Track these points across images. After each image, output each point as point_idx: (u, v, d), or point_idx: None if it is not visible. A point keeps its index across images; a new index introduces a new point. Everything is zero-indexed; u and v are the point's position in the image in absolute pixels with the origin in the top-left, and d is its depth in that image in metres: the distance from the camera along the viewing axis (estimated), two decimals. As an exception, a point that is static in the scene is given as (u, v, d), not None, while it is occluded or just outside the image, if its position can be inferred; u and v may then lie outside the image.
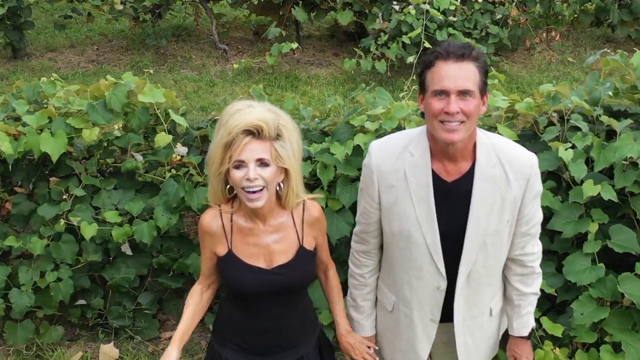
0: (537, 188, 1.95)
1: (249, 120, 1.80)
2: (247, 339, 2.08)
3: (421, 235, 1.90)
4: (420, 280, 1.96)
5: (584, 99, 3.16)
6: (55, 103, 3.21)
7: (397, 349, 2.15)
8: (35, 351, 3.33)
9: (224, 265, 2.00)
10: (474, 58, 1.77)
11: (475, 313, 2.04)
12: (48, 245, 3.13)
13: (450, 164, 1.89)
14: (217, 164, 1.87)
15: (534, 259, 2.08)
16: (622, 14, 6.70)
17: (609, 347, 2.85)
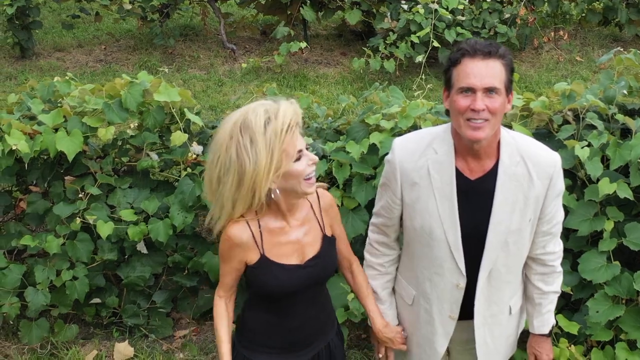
0: (560, 187, 1.96)
1: (294, 115, 1.80)
2: (281, 340, 2.07)
3: (443, 233, 1.91)
4: (440, 276, 1.97)
5: (598, 97, 3.17)
6: (70, 102, 3.22)
7: (414, 343, 2.16)
8: (50, 350, 3.35)
9: (257, 272, 1.96)
10: (500, 56, 1.78)
11: (495, 311, 2.04)
12: (64, 244, 3.15)
13: (474, 161, 1.90)
14: (273, 171, 1.78)
15: (555, 258, 2.09)
16: (630, 13, 6.71)
17: (624, 345, 2.85)
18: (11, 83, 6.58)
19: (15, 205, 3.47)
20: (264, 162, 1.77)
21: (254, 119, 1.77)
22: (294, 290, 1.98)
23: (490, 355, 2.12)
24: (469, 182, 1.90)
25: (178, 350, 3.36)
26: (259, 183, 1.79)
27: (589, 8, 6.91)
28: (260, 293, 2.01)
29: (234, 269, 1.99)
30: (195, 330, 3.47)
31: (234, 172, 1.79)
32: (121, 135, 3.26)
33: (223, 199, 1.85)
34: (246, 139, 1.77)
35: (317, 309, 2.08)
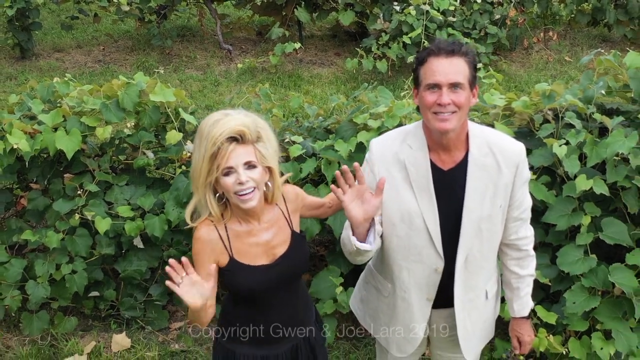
0: (526, 174, 2.07)
1: (231, 127, 1.85)
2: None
3: (422, 222, 2.01)
4: (419, 263, 2.07)
5: (578, 97, 3.28)
6: (69, 102, 3.32)
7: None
8: (50, 341, 3.45)
9: (228, 274, 2.02)
10: (463, 53, 1.89)
11: (472, 296, 2.15)
12: (63, 239, 3.25)
13: (445, 154, 2.01)
14: (204, 176, 1.89)
15: (528, 243, 2.20)
16: (618, 14, 6.82)
17: (600, 335, 2.96)
18: (11, 83, 6.67)
19: (16, 202, 3.57)
20: (198, 165, 1.90)
21: (205, 121, 1.89)
22: (265, 288, 2.06)
23: (470, 339, 2.23)
24: (442, 173, 2.01)
25: (173, 341, 3.47)
26: (197, 182, 1.92)
27: (578, 9, 7.02)
28: (234, 293, 2.10)
29: (209, 275, 1.90)
30: (190, 322, 3.57)
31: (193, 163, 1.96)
32: (118, 134, 3.36)
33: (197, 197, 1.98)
34: (197, 138, 1.91)
35: (294, 303, 2.17)
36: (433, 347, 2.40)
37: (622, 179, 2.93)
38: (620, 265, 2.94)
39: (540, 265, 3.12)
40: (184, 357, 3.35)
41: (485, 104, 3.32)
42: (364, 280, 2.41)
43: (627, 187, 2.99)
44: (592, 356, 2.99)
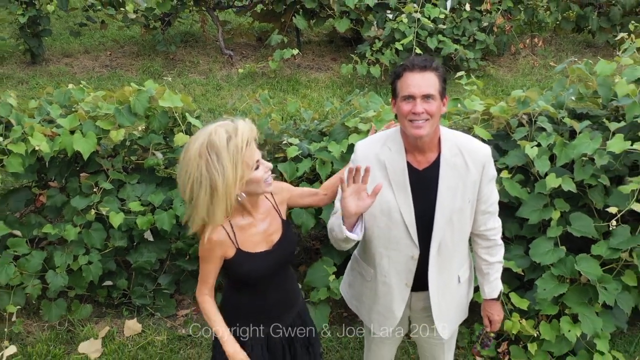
0: (492, 173, 2.33)
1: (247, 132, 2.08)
2: (260, 316, 2.41)
3: (400, 215, 2.27)
4: (397, 251, 2.34)
5: (551, 103, 3.55)
6: (84, 107, 3.59)
7: (374, 312, 2.52)
8: (67, 327, 3.71)
9: (235, 264, 2.25)
10: (434, 69, 2.15)
11: (445, 280, 2.41)
12: (80, 232, 3.52)
13: (420, 155, 2.27)
14: (238, 181, 2.08)
15: (495, 233, 2.46)
16: (601, 22, 7.08)
17: (568, 319, 3.23)
18: (23, 87, 6.92)
19: (35, 199, 3.84)
20: (231, 173, 2.07)
21: (217, 138, 2.05)
22: (267, 272, 2.31)
23: (444, 319, 2.49)
24: (417, 172, 2.28)
25: (181, 326, 3.73)
26: (229, 191, 2.09)
27: (563, 17, 7.28)
28: (240, 280, 2.33)
29: (215, 268, 2.25)
30: (196, 310, 3.84)
31: (206, 185, 2.07)
32: (130, 136, 3.62)
33: (199, 208, 2.12)
34: (213, 156, 2.05)
35: (287, 285, 2.44)
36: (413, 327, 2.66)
37: (588, 177, 3.20)
38: (586, 255, 3.21)
39: (515, 256, 3.40)
40: (190, 341, 3.61)
41: (466, 108, 3.58)
42: (350, 267, 2.67)
43: (594, 185, 3.26)
44: (561, 338, 3.26)
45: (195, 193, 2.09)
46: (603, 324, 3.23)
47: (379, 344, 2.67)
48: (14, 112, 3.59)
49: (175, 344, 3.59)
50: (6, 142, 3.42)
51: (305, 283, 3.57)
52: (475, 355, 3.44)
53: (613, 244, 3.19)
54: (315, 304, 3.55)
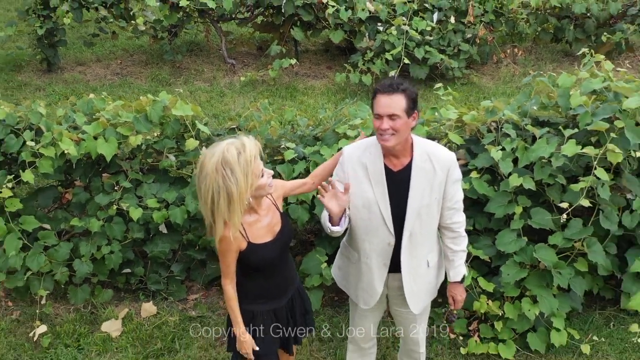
0: (456, 176, 2.74)
1: (254, 149, 2.49)
2: (268, 294, 2.83)
3: (378, 208, 2.70)
4: (376, 238, 2.76)
5: (517, 111, 3.98)
6: (105, 115, 4.01)
7: (359, 288, 2.95)
8: (91, 309, 4.13)
9: (248, 254, 2.67)
10: (401, 91, 2.53)
11: (415, 264, 2.83)
12: (103, 225, 3.94)
13: (395, 159, 2.69)
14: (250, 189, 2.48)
15: (460, 226, 2.87)
16: (577, 33, 7.50)
17: (528, 300, 3.65)
18: (40, 94, 7.34)
19: (61, 197, 4.26)
20: (243, 183, 2.47)
21: (230, 155, 2.43)
22: (272, 258, 2.73)
23: (415, 297, 2.91)
24: (393, 173, 2.70)
25: (191, 309, 4.15)
26: (243, 197, 2.49)
27: (542, 28, 7.70)
28: (252, 267, 2.75)
29: (233, 260, 2.67)
30: (204, 294, 4.26)
31: (224, 194, 2.46)
32: (146, 141, 4.03)
33: (220, 214, 2.50)
34: (227, 170, 2.44)
35: (288, 268, 2.87)
36: (390, 303, 3.07)
37: (546, 177, 3.62)
38: (544, 245, 3.64)
39: (483, 245, 3.81)
40: (199, 321, 4.03)
41: (442, 116, 4.01)
42: (340, 252, 3.10)
43: (552, 184, 3.68)
44: (523, 317, 3.68)
45: (215, 202, 2.47)
46: (559, 304, 3.66)
47: (362, 318, 3.09)
48: (43, 119, 4.02)
49: (186, 323, 4.01)
50: (38, 146, 3.84)
51: (300, 270, 3.98)
52: (450, 332, 3.86)
53: (567, 234, 3.62)
54: (309, 289, 3.96)
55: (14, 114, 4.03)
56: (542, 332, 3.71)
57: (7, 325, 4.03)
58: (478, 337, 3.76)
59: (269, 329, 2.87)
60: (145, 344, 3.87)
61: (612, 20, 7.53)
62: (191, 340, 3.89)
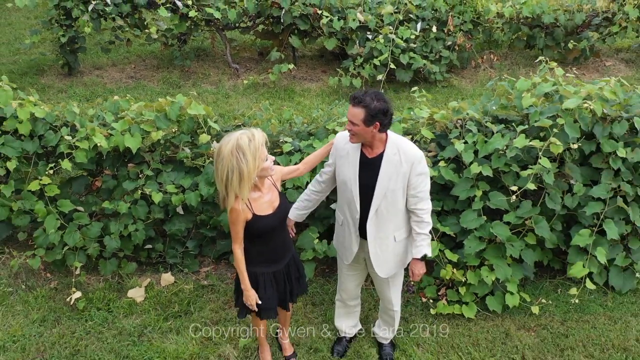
0: (419, 170, 3.27)
1: (262, 138, 3.08)
2: (268, 258, 3.42)
3: (351, 185, 3.30)
4: (349, 209, 3.36)
5: (479, 111, 4.56)
6: (130, 114, 4.59)
7: (342, 247, 3.57)
8: (117, 279, 4.71)
9: (253, 223, 3.24)
10: (362, 105, 3.08)
11: (382, 236, 3.39)
12: (129, 207, 4.52)
13: (370, 149, 3.27)
14: (257, 170, 3.05)
15: (423, 213, 3.39)
16: (547, 40, 8.08)
17: (487, 268, 4.24)
18: (63, 95, 7.89)
19: (92, 184, 4.83)
20: (252, 164, 3.05)
21: (242, 142, 3.01)
22: (272, 227, 3.31)
23: (381, 263, 3.48)
24: (367, 159, 3.28)
25: (203, 279, 4.73)
26: (251, 175, 3.06)
27: (515, 36, 8.28)
28: (256, 234, 3.33)
29: (242, 228, 3.24)
30: (214, 267, 4.84)
31: (237, 172, 3.03)
32: (165, 136, 4.61)
33: (232, 188, 3.06)
34: (240, 154, 3.01)
35: (284, 236, 3.46)
36: (368, 266, 3.64)
37: (502, 165, 4.21)
38: (500, 222, 4.22)
39: (450, 223, 4.40)
40: (210, 289, 4.62)
41: (416, 115, 4.59)
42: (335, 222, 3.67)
43: (506, 171, 4.27)
44: (482, 282, 4.27)
45: (229, 179, 3.04)
46: (513, 272, 4.25)
47: (346, 276, 3.69)
48: (77, 117, 4.60)
49: (199, 291, 4.60)
50: (74, 140, 4.42)
51: (297, 246, 4.56)
52: (422, 297, 4.45)
53: (519, 213, 4.21)
54: (304, 262, 4.54)
55: (52, 113, 4.60)
56: (498, 295, 4.30)
57: (46, 292, 4.61)
58: (445, 300, 4.35)
59: (269, 288, 3.46)
60: (165, 307, 4.45)
61: (579, 29, 8.09)
62: (204, 304, 4.48)
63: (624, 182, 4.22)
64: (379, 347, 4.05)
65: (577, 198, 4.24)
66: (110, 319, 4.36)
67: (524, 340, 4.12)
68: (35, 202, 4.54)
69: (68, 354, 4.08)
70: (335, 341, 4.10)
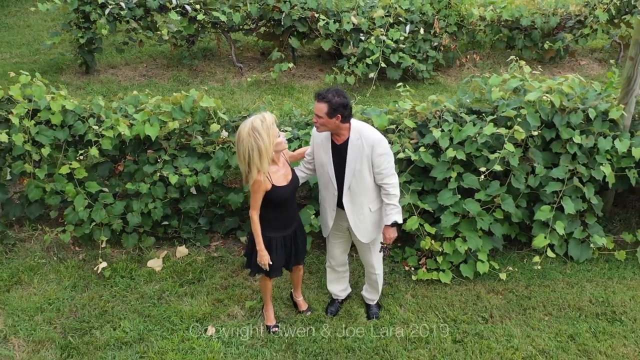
0: (379, 151, 3.74)
1: (273, 119, 3.62)
2: (280, 224, 3.94)
3: (327, 168, 3.83)
4: (326, 190, 3.91)
5: (456, 104, 5.07)
6: (149, 107, 5.09)
7: (323, 222, 4.13)
8: (138, 252, 5.22)
9: (272, 193, 3.75)
10: (325, 100, 3.60)
11: (358, 208, 3.92)
12: (149, 188, 5.03)
13: (338, 137, 3.79)
14: (273, 146, 3.58)
15: (390, 187, 3.88)
16: (525, 42, 8.58)
17: (460, 240, 4.74)
18: (81, 92, 8.37)
19: (115, 168, 5.34)
20: (267, 141, 3.59)
21: (256, 124, 3.56)
22: (287, 197, 3.84)
23: (360, 230, 4.01)
24: (337, 145, 3.80)
25: (213, 252, 5.24)
26: (268, 150, 3.60)
27: (497, 38, 8.78)
28: (273, 202, 3.82)
29: (261, 196, 3.75)
30: (223, 242, 5.36)
31: (256, 149, 3.57)
32: (180, 126, 5.11)
33: (253, 165, 3.59)
34: (257, 133, 3.56)
35: (293, 206, 3.99)
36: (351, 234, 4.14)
37: (474, 150, 4.72)
38: (472, 199, 4.73)
39: (430, 201, 4.90)
40: (219, 260, 5.13)
41: (400, 107, 5.10)
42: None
43: (478, 155, 4.78)
44: (456, 252, 4.78)
45: (250, 156, 3.58)
46: (483, 243, 4.76)
47: (332, 244, 4.23)
48: (103, 109, 5.11)
49: (210, 262, 5.11)
50: (101, 129, 4.93)
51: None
52: (405, 265, 4.97)
53: (488, 192, 4.72)
54: (302, 236, 5.05)
55: (81, 106, 5.11)
56: (471, 263, 4.81)
57: (76, 263, 5.12)
58: (425, 268, 4.87)
59: (280, 250, 3.98)
60: (180, 275, 4.97)
61: (555, 31, 8.59)
62: (214, 272, 4.99)
63: (580, 165, 4.74)
64: (367, 307, 4.57)
65: (539, 178, 4.76)
66: (132, 285, 4.87)
67: (492, 302, 4.64)
68: (66, 184, 5.05)
69: (97, 313, 4.59)
70: (329, 303, 4.62)
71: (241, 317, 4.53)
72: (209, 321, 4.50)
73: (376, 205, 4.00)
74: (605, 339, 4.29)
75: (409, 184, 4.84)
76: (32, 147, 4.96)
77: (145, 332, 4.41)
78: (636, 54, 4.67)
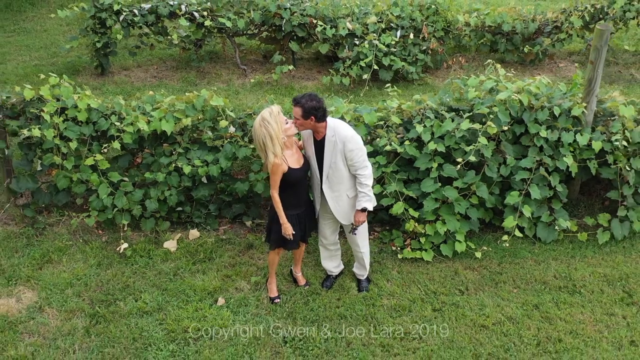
0: (350, 147, 4.23)
1: (279, 108, 4.15)
2: (296, 203, 4.46)
3: (311, 160, 4.37)
4: (313, 178, 4.46)
5: (437, 102, 5.57)
6: (165, 105, 5.59)
7: (314, 204, 4.65)
8: (155, 235, 5.73)
9: (288, 174, 4.27)
10: (299, 105, 4.13)
11: (336, 195, 4.44)
12: (165, 177, 5.53)
13: (317, 134, 4.31)
14: (278, 130, 4.09)
15: (363, 178, 4.37)
16: (507, 45, 9.07)
17: (440, 222, 5.24)
18: (97, 92, 8.83)
19: (133, 160, 5.84)
20: (276, 128, 4.12)
21: (265, 115, 4.11)
22: (301, 178, 4.37)
23: (340, 213, 4.53)
24: (317, 141, 4.33)
25: (222, 235, 5.75)
26: (279, 136, 4.13)
27: (481, 42, 9.27)
28: (288, 182, 4.32)
29: (279, 177, 4.26)
30: (231, 226, 5.86)
31: (268, 136, 4.11)
32: (193, 122, 5.61)
33: (268, 150, 4.12)
34: (266, 122, 4.11)
35: (305, 187, 4.51)
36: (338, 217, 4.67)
37: (453, 143, 5.22)
38: (451, 187, 5.24)
39: (414, 189, 5.39)
40: (227, 242, 5.63)
41: (388, 105, 5.60)
42: None
43: (456, 148, 5.28)
44: (437, 233, 5.28)
45: (265, 143, 4.12)
46: (460, 225, 5.26)
47: (323, 225, 4.75)
48: (123, 107, 5.60)
49: (219, 243, 5.61)
50: (122, 125, 5.43)
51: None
52: (392, 246, 5.48)
53: (465, 180, 5.22)
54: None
55: (104, 104, 5.61)
56: (450, 243, 5.31)
57: (99, 244, 5.62)
58: (410, 247, 5.37)
59: (295, 226, 4.48)
60: (193, 255, 5.47)
61: (534, 36, 9.08)
62: (223, 252, 5.50)
63: (546, 156, 5.24)
64: (358, 281, 5.08)
65: (510, 168, 5.27)
66: (151, 264, 5.37)
67: (468, 277, 5.15)
68: (91, 174, 5.54)
69: (120, 287, 5.10)
70: (325, 278, 5.12)
71: (247, 290, 5.04)
72: (219, 293, 5.00)
73: (353, 193, 4.49)
74: (565, 307, 4.80)
75: (396, 174, 5.34)
76: (60, 141, 5.45)
77: (164, 303, 4.91)
78: (596, 58, 5.17)
